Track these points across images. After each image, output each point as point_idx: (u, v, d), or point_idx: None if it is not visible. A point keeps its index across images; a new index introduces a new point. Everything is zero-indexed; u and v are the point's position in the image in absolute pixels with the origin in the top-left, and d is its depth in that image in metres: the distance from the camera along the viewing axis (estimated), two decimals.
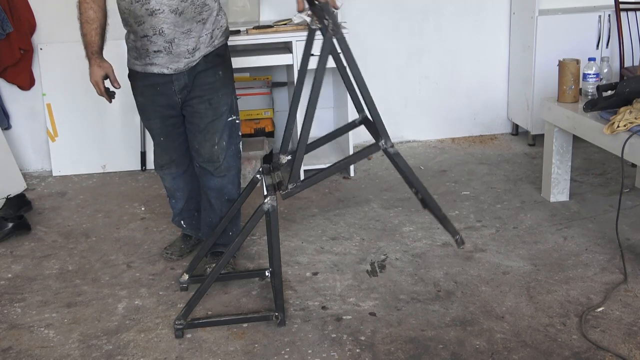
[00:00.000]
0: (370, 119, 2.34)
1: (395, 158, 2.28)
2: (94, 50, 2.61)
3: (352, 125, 2.61)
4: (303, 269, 2.90)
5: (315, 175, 2.37)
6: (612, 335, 2.34)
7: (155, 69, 2.63)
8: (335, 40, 2.16)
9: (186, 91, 2.68)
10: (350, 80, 2.46)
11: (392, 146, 2.28)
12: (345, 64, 2.24)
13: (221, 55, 2.73)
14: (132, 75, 2.73)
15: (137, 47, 2.62)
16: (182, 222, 3.07)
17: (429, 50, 4.45)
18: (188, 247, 3.11)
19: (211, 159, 2.75)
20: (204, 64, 2.66)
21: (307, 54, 2.45)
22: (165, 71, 2.62)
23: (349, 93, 2.53)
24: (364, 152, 2.41)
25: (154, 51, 2.58)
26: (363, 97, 2.24)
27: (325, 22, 2.13)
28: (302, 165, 3.75)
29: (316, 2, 2.22)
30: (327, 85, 4.36)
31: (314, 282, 2.79)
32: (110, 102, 2.70)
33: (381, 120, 2.27)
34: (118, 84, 2.65)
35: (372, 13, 4.31)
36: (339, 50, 2.20)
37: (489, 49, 4.50)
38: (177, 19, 2.52)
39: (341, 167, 2.54)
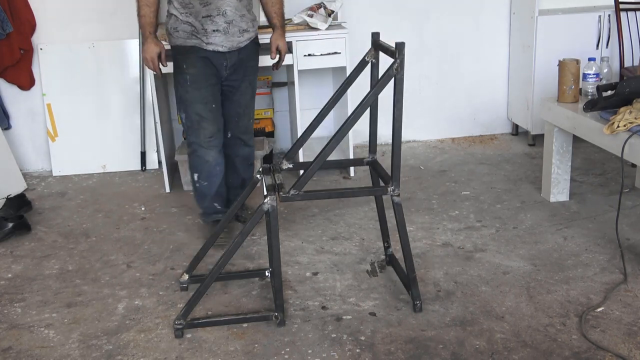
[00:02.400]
0: (379, 160, 2.58)
1: (397, 207, 2.44)
2: (152, 30, 2.98)
3: (360, 162, 2.77)
4: (303, 269, 2.90)
5: (318, 192, 2.81)
6: (612, 335, 2.34)
7: (211, 47, 2.95)
8: (393, 79, 2.31)
9: (233, 69, 3.06)
10: (376, 113, 2.64)
11: (399, 195, 2.43)
12: (393, 100, 2.34)
13: (258, 44, 3.17)
14: (183, 50, 2.98)
15: (194, 27, 2.92)
16: (215, 204, 3.15)
17: (429, 50, 4.45)
18: (226, 226, 2.95)
19: (247, 130, 3.22)
20: (248, 49, 3.07)
21: (350, 80, 2.67)
22: (220, 49, 2.96)
23: (370, 128, 2.70)
24: (370, 191, 2.71)
25: (213, 30, 2.92)
26: (394, 137, 2.36)
27: (396, 62, 2.28)
28: (302, 159, 3.80)
29: (381, 43, 2.51)
30: (328, 85, 4.36)
31: (314, 282, 2.79)
32: (161, 77, 3.21)
33: (399, 167, 2.41)
34: (166, 62, 3.06)
35: (372, 12, 4.31)
36: (394, 90, 2.33)
37: (489, 48, 4.49)
38: (238, 4, 2.95)
39: (345, 195, 2.89)
